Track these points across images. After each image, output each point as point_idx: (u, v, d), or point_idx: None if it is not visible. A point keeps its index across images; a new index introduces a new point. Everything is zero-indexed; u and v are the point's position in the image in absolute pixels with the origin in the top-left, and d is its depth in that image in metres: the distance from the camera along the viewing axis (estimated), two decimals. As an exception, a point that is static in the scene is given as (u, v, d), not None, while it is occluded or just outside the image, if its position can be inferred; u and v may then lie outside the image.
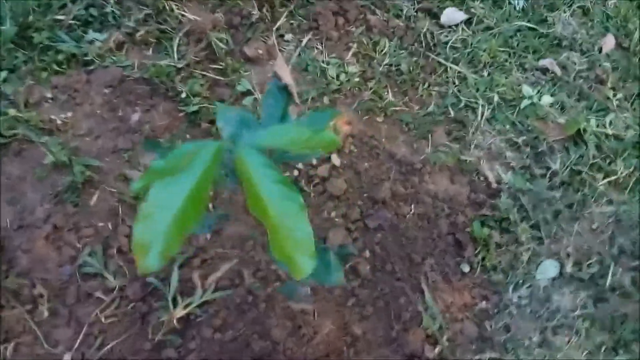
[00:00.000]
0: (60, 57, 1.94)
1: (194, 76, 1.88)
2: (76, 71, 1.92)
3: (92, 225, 1.53)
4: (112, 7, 2.07)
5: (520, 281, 1.48)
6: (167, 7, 2.06)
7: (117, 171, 1.64)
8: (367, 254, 1.52)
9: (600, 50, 2.11)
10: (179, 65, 1.90)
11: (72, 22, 2.04)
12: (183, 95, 1.82)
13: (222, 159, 0.70)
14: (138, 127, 1.75)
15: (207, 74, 1.89)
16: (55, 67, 1.91)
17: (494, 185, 1.67)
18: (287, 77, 0.95)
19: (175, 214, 0.64)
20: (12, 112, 1.74)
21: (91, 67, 1.93)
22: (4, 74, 1.87)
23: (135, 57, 1.94)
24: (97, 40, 1.99)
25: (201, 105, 1.80)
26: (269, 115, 0.91)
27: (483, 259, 1.50)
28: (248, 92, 1.84)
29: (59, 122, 1.74)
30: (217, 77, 1.89)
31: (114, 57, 1.94)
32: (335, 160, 1.70)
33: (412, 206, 1.62)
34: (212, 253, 1.49)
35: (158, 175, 0.65)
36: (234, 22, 2.06)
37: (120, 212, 1.57)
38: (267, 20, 2.07)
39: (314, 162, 1.68)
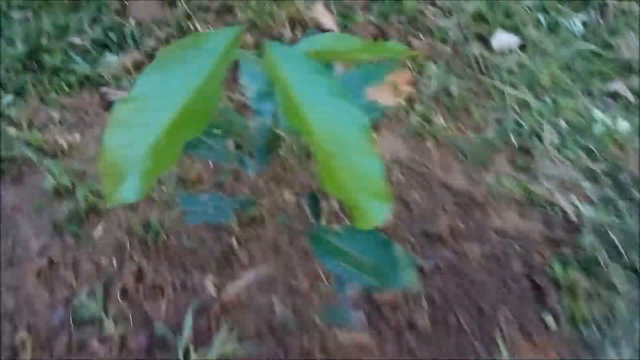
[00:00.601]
0: (72, 78, 1.75)
1: (218, 97, 1.67)
2: (88, 92, 1.73)
3: (94, 261, 1.29)
4: (132, 28, 1.90)
5: (621, 339, 1.18)
6: (192, 27, 1.89)
7: (126, 199, 1.41)
8: (424, 302, 1.24)
9: (675, 75, 1.86)
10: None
11: (89, 45, 1.88)
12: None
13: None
14: (153, 151, 1.52)
15: (232, 94, 1.68)
16: (66, 88, 1.73)
17: (574, 219, 1.39)
18: (330, 23, 0.72)
19: (171, 119, 0.40)
20: (13, 133, 1.54)
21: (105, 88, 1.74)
22: (9, 97, 1.68)
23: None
24: (113, 61, 1.81)
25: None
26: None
27: (570, 308, 1.21)
28: (279, 114, 1.61)
29: (64, 144, 1.53)
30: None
31: (130, 78, 1.75)
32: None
33: (476, 245, 1.34)
34: (235, 298, 1.22)
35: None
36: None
37: (128, 246, 1.32)
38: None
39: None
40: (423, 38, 1.95)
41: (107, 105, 1.57)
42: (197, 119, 0.42)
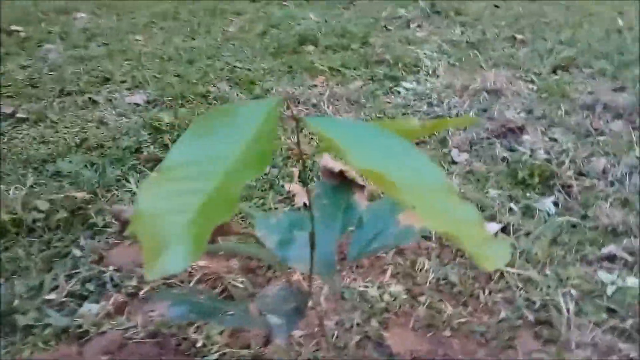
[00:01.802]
0: (47, 332, 1.61)
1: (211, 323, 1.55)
2: (66, 345, 1.57)
3: None
4: (111, 274, 1.84)
5: None
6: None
7: None
8: None
9: (660, 233, 1.88)
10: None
11: (65, 299, 1.78)
12: (199, 344, 1.46)
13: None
14: (142, 394, 1.34)
15: (226, 318, 1.56)
16: (40, 345, 1.58)
17: (628, 383, 1.23)
18: (340, 165, 0.69)
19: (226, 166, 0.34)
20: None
21: (85, 338, 1.59)
22: (-25, 367, 1.52)
23: (138, 316, 1.63)
24: (93, 309, 1.70)
25: (222, 353, 1.43)
26: (327, 215, 0.62)
27: None
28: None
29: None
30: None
31: (113, 322, 1.63)
32: (408, 388, 1.28)
33: None
34: None
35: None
36: (250, 266, 1.82)
37: None
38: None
39: (381, 394, 1.26)
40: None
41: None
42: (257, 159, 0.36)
